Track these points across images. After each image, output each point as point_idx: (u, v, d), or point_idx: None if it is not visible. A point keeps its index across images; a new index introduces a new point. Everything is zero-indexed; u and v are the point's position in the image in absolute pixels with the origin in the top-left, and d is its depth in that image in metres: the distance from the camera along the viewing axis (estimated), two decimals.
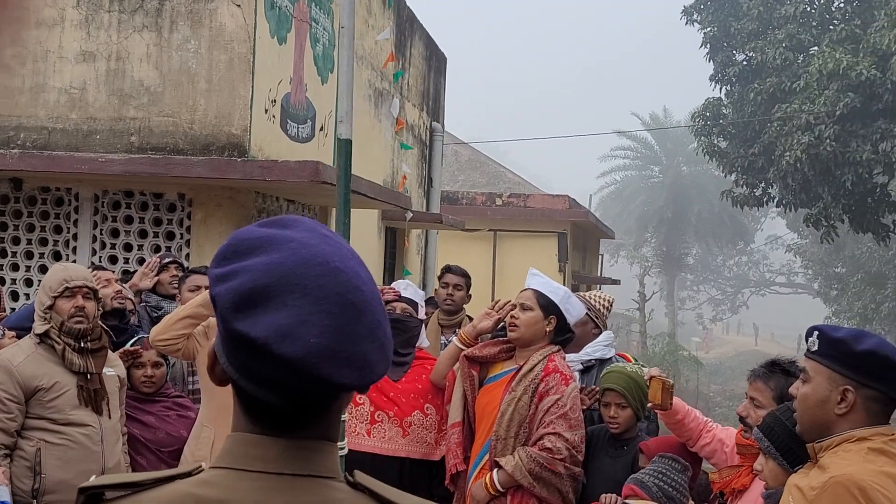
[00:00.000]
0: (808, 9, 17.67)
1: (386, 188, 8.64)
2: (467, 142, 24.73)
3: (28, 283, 6.90)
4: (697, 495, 4.03)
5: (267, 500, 1.19)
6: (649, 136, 43.54)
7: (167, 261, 5.83)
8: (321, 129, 7.80)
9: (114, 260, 6.75)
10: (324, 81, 7.83)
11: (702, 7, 18.91)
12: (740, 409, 3.44)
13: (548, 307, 4.28)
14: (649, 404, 4.00)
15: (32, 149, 6.57)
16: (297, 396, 1.20)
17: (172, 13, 6.53)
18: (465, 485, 4.30)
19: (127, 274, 6.30)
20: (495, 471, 4.16)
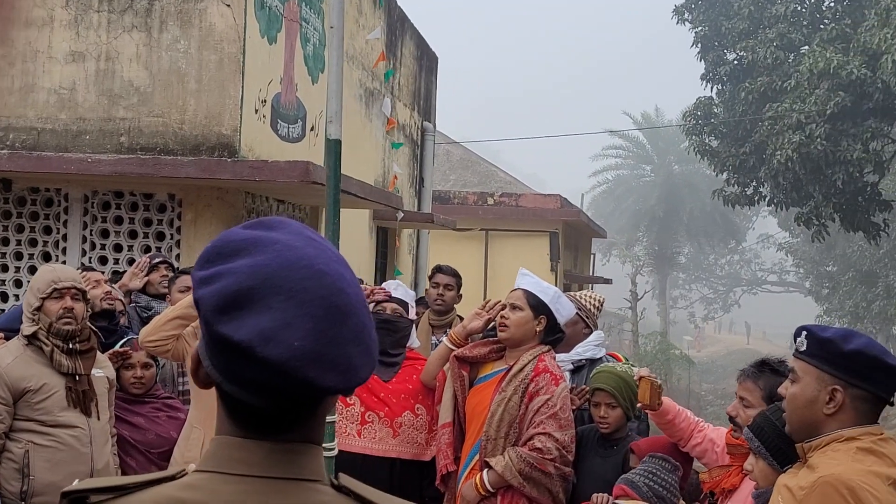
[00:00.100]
0: (799, 8, 17.73)
1: (376, 188, 8.63)
2: (459, 141, 24.72)
3: (17, 284, 6.87)
4: (688, 495, 4.04)
5: None
6: (641, 135, 43.63)
7: (157, 261, 5.81)
8: (312, 129, 7.79)
9: (104, 260, 6.73)
10: (314, 81, 7.82)
11: (693, 6, 18.95)
12: (730, 408, 3.44)
13: (538, 307, 4.28)
14: (639, 404, 4.01)
15: (22, 149, 6.54)
16: (282, 399, 1.19)
17: (162, 13, 6.51)
18: (456, 485, 4.30)
19: (117, 274, 6.27)
20: (485, 471, 4.16)
